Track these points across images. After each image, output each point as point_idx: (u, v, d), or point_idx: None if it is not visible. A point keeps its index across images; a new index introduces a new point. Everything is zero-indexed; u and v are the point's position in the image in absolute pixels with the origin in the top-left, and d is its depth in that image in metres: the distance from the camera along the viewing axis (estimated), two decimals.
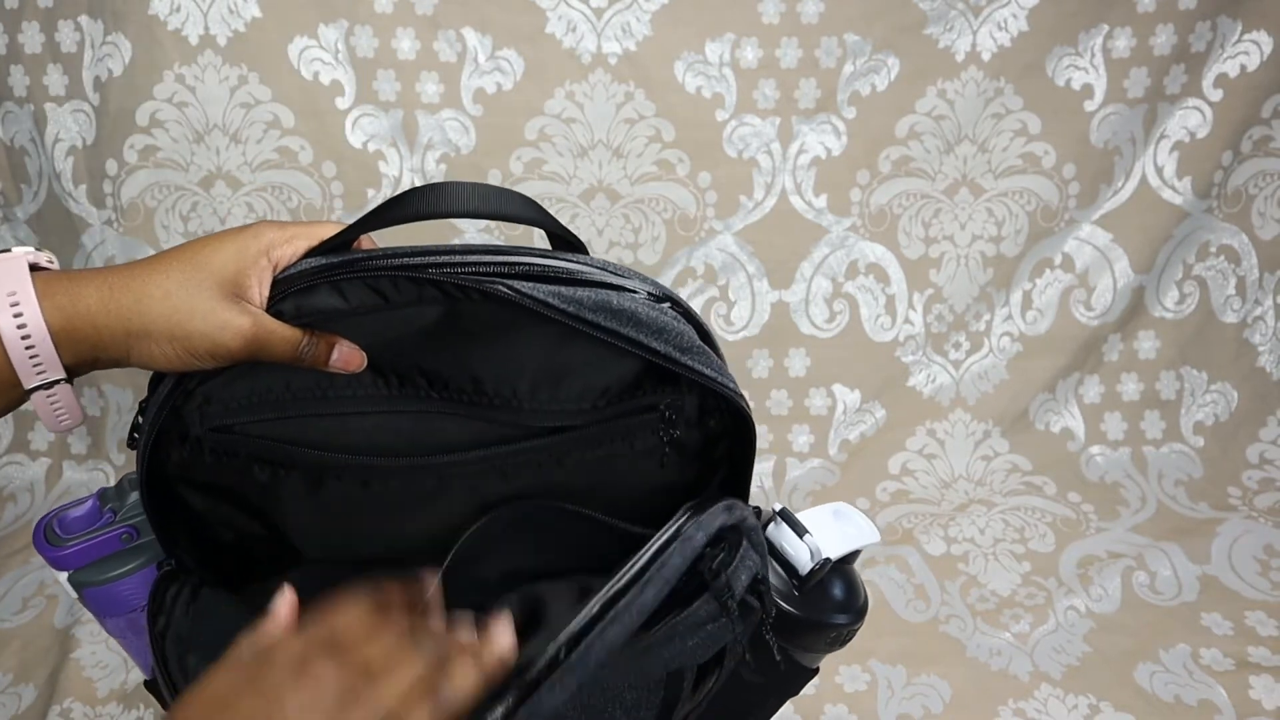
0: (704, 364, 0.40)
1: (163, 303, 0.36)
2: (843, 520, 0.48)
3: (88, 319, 0.35)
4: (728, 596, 0.40)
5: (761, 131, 0.97)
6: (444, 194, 0.39)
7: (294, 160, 0.95)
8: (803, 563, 0.46)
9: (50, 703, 0.74)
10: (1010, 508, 0.99)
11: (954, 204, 1.02)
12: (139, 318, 0.35)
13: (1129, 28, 0.95)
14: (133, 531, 0.43)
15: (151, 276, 0.36)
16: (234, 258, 0.37)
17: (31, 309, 0.34)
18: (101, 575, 0.43)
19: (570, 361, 0.42)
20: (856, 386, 1.06)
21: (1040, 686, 0.76)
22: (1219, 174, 1.01)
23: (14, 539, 0.96)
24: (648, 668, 0.41)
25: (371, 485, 0.44)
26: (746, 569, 0.41)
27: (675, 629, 0.40)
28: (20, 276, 0.34)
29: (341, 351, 0.39)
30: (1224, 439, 1.05)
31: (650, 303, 0.40)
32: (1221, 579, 0.87)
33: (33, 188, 0.99)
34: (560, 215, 0.99)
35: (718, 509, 0.41)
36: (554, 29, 0.92)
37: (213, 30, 0.90)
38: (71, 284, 0.35)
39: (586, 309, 0.38)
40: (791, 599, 0.46)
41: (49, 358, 0.35)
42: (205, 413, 0.41)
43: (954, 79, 0.96)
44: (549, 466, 0.44)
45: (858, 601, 0.48)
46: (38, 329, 0.34)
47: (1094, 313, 1.05)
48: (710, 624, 0.41)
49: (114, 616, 0.45)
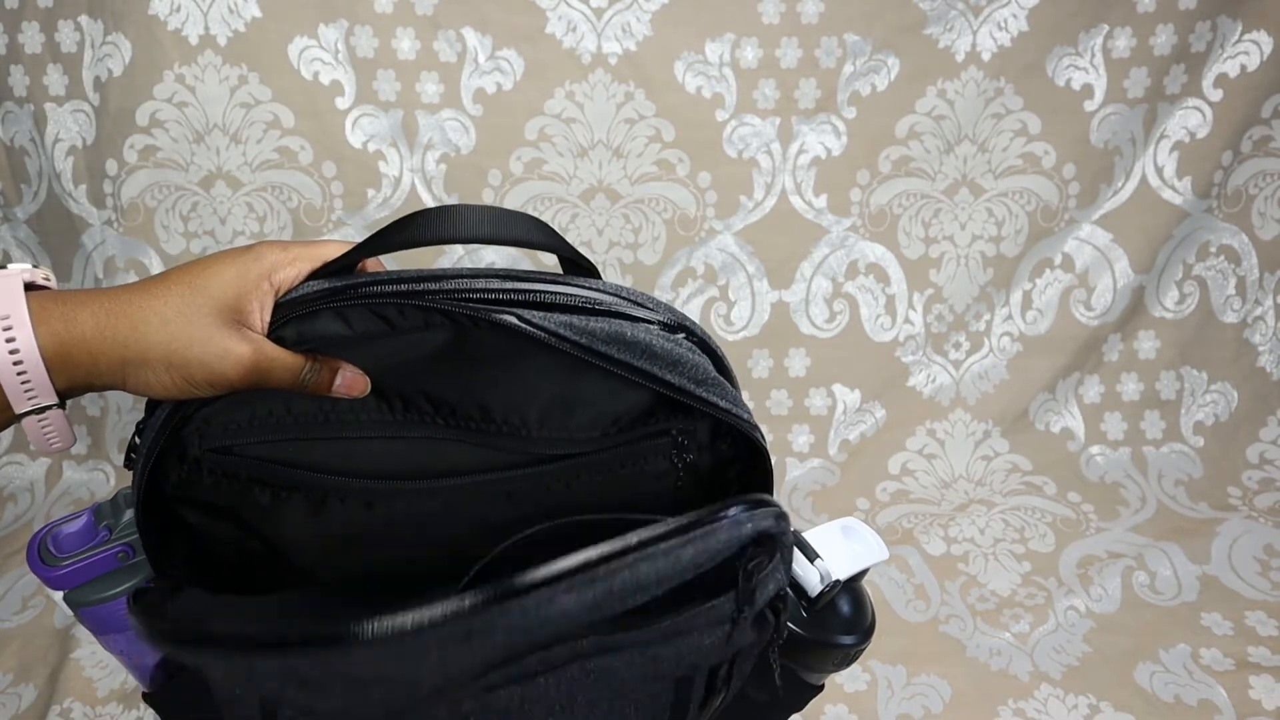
0: (719, 396, 0.40)
1: (160, 330, 0.35)
2: (852, 538, 0.48)
3: (83, 346, 0.34)
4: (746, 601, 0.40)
5: (761, 131, 0.97)
6: (450, 218, 0.38)
7: (294, 160, 0.95)
8: (812, 585, 0.46)
9: (50, 703, 0.74)
10: (1010, 508, 0.99)
11: (954, 204, 1.02)
12: (136, 345, 0.35)
13: (1129, 28, 0.95)
14: (129, 550, 0.42)
15: (149, 302, 0.35)
16: (234, 281, 0.36)
17: (25, 334, 0.33)
18: (97, 595, 0.42)
19: (582, 391, 0.41)
20: (856, 386, 1.06)
21: (1040, 686, 0.76)
22: (1219, 174, 1.01)
23: (14, 539, 0.96)
24: (661, 658, 0.41)
25: (375, 508, 0.43)
26: (775, 581, 0.41)
27: (696, 620, 0.40)
28: (15, 299, 0.33)
29: (345, 377, 0.39)
30: (1224, 439, 1.05)
31: (664, 334, 0.40)
32: (1222, 579, 0.87)
33: (33, 188, 0.99)
34: (560, 215, 0.99)
35: (769, 512, 0.40)
36: (554, 29, 0.92)
37: (213, 30, 0.90)
38: (67, 309, 0.34)
39: (599, 340, 0.38)
40: (799, 620, 0.46)
41: (41, 383, 0.34)
42: (205, 433, 0.40)
43: (954, 79, 0.96)
44: (557, 490, 0.44)
45: (865, 621, 0.47)
46: (30, 355, 0.33)
47: (1094, 313, 1.05)
48: (727, 624, 0.41)
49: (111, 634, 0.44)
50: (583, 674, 0.40)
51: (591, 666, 0.40)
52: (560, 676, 0.40)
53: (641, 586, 0.37)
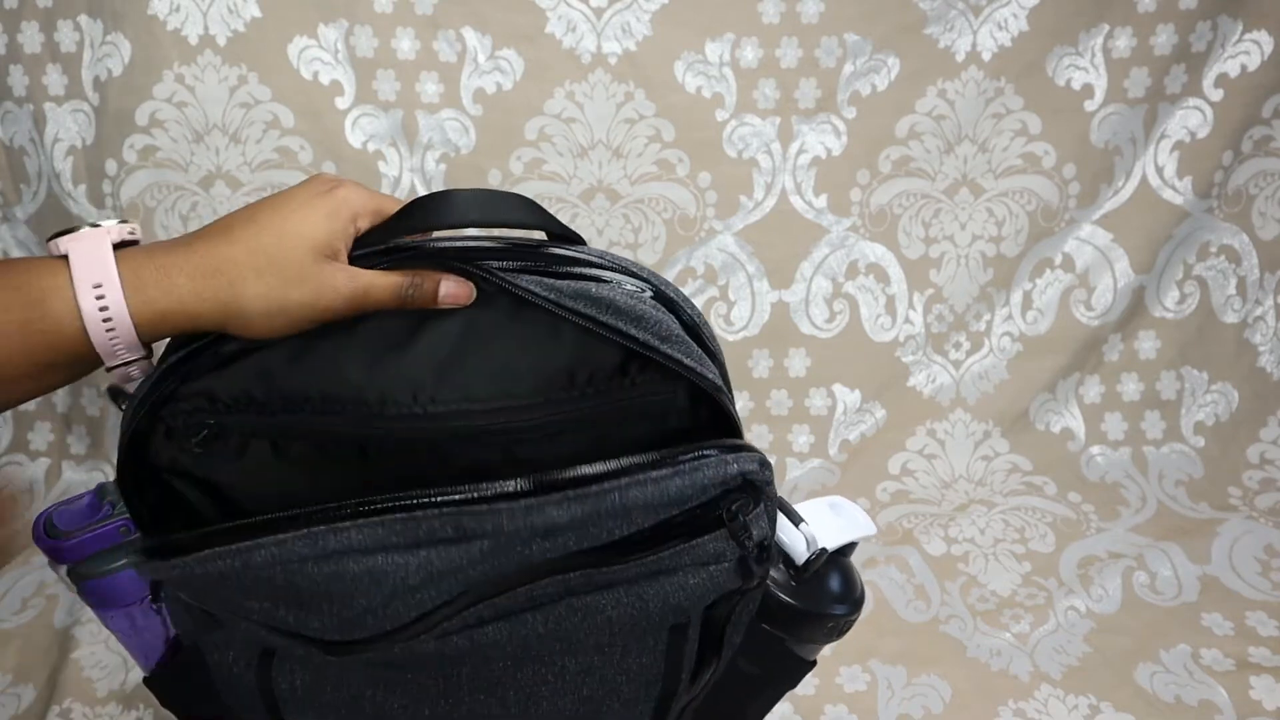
0: (683, 353, 0.41)
1: (257, 282, 0.35)
2: (839, 513, 0.49)
3: (181, 309, 0.35)
4: (745, 537, 0.41)
5: (761, 131, 0.97)
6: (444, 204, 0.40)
7: (294, 160, 0.95)
8: (799, 553, 0.46)
9: (50, 703, 0.74)
10: (1010, 508, 0.99)
11: (954, 204, 1.01)
12: (234, 301, 0.35)
13: (1129, 27, 0.95)
14: (131, 524, 0.43)
15: (244, 256, 0.35)
16: (324, 222, 0.37)
17: (116, 299, 0.34)
18: (101, 567, 0.43)
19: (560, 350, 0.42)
20: (856, 386, 1.06)
21: (1040, 687, 0.76)
22: (1219, 174, 1.01)
23: (13, 539, 0.96)
24: (647, 596, 0.41)
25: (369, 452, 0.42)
26: (759, 528, 0.42)
27: (680, 557, 0.41)
28: (106, 265, 0.34)
29: (448, 288, 0.39)
30: (1224, 439, 1.05)
31: (629, 293, 0.41)
32: (1222, 579, 0.87)
33: (32, 188, 0.99)
34: (560, 215, 0.99)
35: (753, 457, 0.41)
36: (554, 29, 0.92)
37: (212, 30, 0.90)
38: (162, 274, 0.35)
39: (566, 296, 0.39)
40: (789, 589, 0.46)
41: (132, 344, 0.35)
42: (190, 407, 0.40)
43: (954, 79, 0.96)
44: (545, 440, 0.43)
45: (855, 592, 0.48)
46: (123, 322, 0.34)
47: (1094, 313, 1.05)
48: (714, 565, 0.42)
49: (113, 610, 0.45)
50: (570, 611, 0.41)
51: (579, 604, 0.41)
52: (549, 614, 0.41)
53: (627, 511, 0.39)
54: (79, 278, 0.33)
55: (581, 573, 0.39)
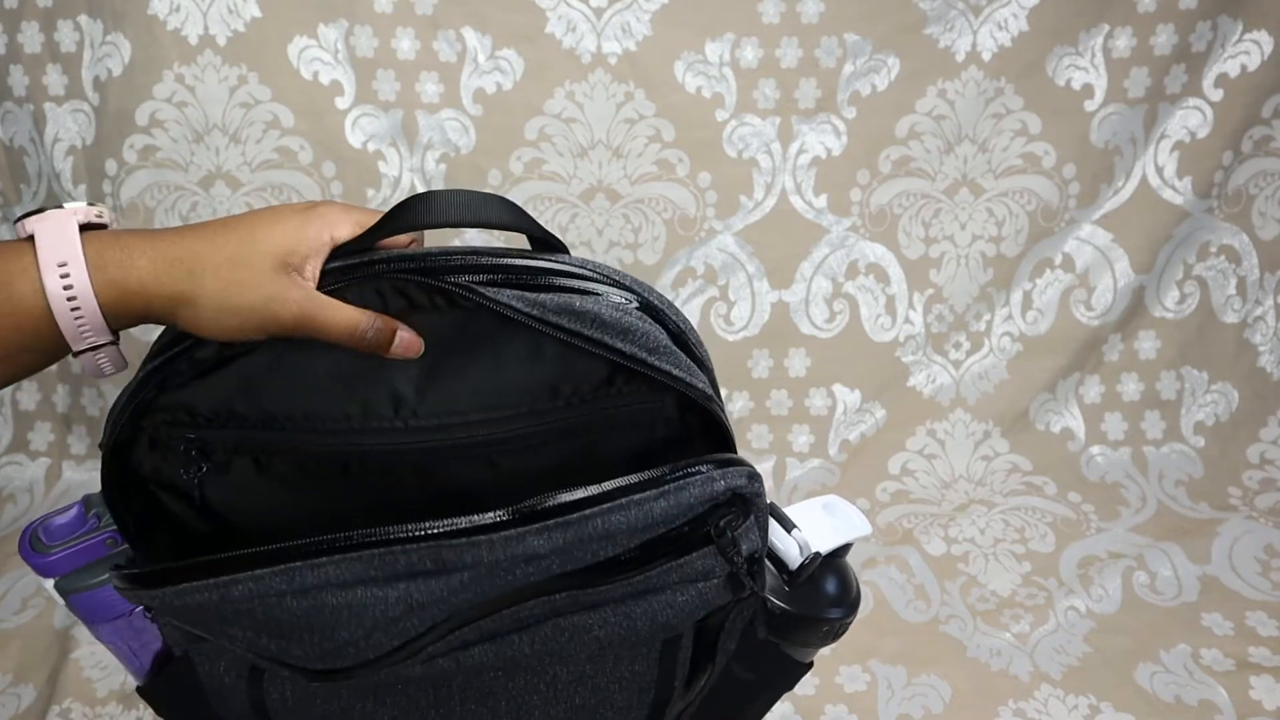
0: (672, 364, 0.40)
1: (213, 276, 0.36)
2: (833, 514, 0.48)
3: (139, 291, 0.35)
4: (734, 553, 0.40)
5: (761, 131, 0.97)
6: (427, 205, 0.39)
7: (294, 160, 0.95)
8: (792, 558, 0.46)
9: (50, 703, 0.74)
10: (1010, 508, 0.99)
11: (954, 204, 1.01)
12: (189, 289, 0.35)
13: (1129, 27, 0.95)
14: (117, 536, 0.42)
15: (205, 249, 0.36)
16: (292, 232, 0.37)
17: (81, 279, 0.34)
18: (86, 581, 0.42)
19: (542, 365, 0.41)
20: (856, 386, 1.06)
21: (1040, 687, 0.76)
22: (1219, 174, 1.01)
23: (13, 539, 0.96)
24: (635, 615, 0.41)
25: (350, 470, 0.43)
26: (749, 541, 0.41)
27: (668, 575, 0.40)
28: (72, 244, 0.34)
29: (403, 338, 0.39)
30: (1224, 439, 1.05)
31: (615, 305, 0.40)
32: (1222, 579, 0.87)
33: (32, 188, 0.99)
34: (560, 215, 0.99)
35: (741, 471, 0.40)
36: (554, 29, 0.92)
37: (212, 30, 0.90)
38: (124, 254, 0.35)
39: (550, 311, 0.39)
40: (782, 594, 0.46)
41: (97, 325, 0.35)
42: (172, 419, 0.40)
43: (954, 79, 0.96)
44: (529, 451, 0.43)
45: (850, 595, 0.47)
46: (87, 301, 0.34)
47: (1094, 313, 1.05)
48: (703, 582, 0.41)
49: (102, 623, 0.44)
50: (557, 631, 0.40)
51: (566, 625, 0.40)
52: (535, 635, 0.40)
53: (611, 535, 0.38)
54: (44, 258, 0.34)
55: (567, 594, 0.39)
